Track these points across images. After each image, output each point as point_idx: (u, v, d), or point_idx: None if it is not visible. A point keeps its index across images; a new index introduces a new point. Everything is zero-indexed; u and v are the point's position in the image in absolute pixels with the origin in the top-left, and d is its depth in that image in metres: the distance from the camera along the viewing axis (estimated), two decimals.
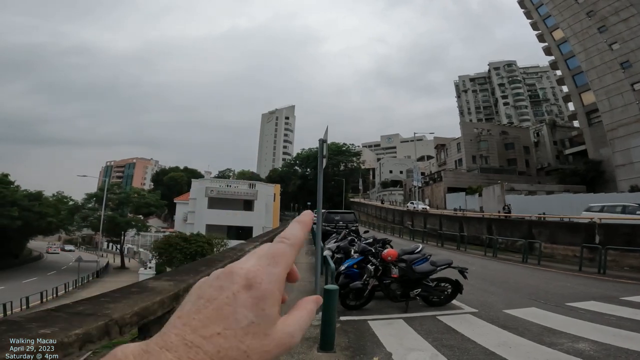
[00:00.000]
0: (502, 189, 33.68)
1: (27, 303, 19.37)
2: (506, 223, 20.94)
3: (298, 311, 0.37)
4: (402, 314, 6.17)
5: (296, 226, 0.39)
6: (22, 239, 43.60)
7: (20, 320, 2.19)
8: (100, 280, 30.32)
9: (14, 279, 29.42)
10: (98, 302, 2.80)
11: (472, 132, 56.04)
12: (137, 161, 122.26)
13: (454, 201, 39.80)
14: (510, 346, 4.76)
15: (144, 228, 45.19)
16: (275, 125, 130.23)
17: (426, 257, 6.60)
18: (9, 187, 37.03)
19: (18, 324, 2.09)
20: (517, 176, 47.35)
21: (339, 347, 4.55)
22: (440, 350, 4.63)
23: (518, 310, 6.41)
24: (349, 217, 20.71)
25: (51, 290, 22.70)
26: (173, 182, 75.07)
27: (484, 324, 5.70)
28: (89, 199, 42.67)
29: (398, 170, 79.77)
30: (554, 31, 43.42)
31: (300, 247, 0.38)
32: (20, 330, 1.99)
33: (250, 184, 42.04)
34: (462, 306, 6.67)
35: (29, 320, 2.20)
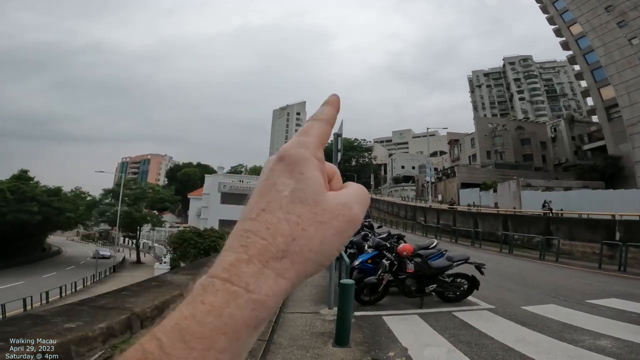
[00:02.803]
0: (518, 184, 33.02)
1: (47, 298, 19.83)
2: (523, 219, 20.54)
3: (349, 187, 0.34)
4: (417, 310, 6.12)
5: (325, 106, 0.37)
6: (41, 234, 44.86)
7: (45, 314, 2.23)
8: (117, 275, 30.96)
9: (34, 274, 30.22)
10: (120, 295, 2.85)
11: (487, 128, 55.07)
12: (152, 157, 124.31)
13: (468, 197, 39.24)
14: (529, 342, 4.67)
15: (158, 223, 45.99)
16: (287, 121, 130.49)
17: (442, 252, 6.51)
18: (28, 183, 38.10)
19: (43, 318, 2.13)
20: (534, 172, 46.38)
21: (354, 342, 4.54)
22: (456, 346, 4.58)
23: (537, 307, 6.28)
24: None
25: (70, 285, 23.24)
26: (186, 178, 76.14)
27: (502, 320, 5.60)
28: (106, 195, 43.61)
29: (410, 166, 79.00)
30: (572, 26, 42.44)
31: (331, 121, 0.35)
32: (45, 325, 2.02)
33: None
34: (479, 302, 6.57)
35: (54, 314, 2.24)
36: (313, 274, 0.29)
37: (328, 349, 4.30)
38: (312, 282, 8.22)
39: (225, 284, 0.26)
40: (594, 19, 38.72)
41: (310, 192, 0.29)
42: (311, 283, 8.16)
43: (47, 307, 14.94)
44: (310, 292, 7.25)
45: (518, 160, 51.03)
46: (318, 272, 0.30)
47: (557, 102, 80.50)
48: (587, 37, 39.92)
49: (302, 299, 6.68)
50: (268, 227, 0.28)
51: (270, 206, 0.29)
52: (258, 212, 0.29)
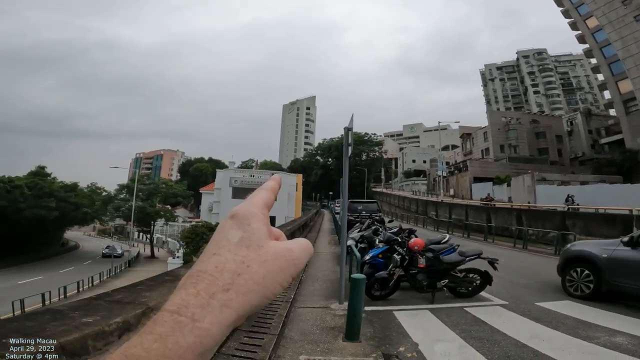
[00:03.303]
0: (533, 178, 32.39)
1: (64, 292, 20.28)
2: (537, 214, 20.18)
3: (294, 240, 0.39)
4: (428, 305, 6.09)
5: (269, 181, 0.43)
6: (59, 230, 46.01)
7: (63, 309, 2.28)
8: (131, 270, 31.51)
9: (52, 268, 31.04)
10: (135, 290, 2.90)
11: (500, 121, 54.29)
12: (164, 153, 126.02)
13: (481, 191, 38.68)
14: (543, 339, 4.61)
15: (171, 218, 46.69)
16: (297, 115, 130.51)
17: (454, 247, 6.46)
18: (46, 179, 39.06)
19: (62, 313, 2.18)
20: (549, 166, 45.55)
21: (364, 336, 4.54)
22: (468, 342, 4.55)
23: (551, 303, 6.20)
24: (372, 206, 20.59)
25: (87, 279, 23.78)
26: (198, 173, 77.04)
27: (515, 317, 5.54)
28: (120, 190, 44.39)
29: (421, 160, 78.28)
30: (588, 19, 41.77)
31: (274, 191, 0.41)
32: (64, 319, 2.06)
33: (273, 174, 42.14)
34: (491, 298, 6.50)
35: (72, 309, 2.29)
36: (259, 305, 0.33)
37: (338, 344, 4.32)
38: (323, 277, 8.25)
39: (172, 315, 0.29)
40: (611, 13, 38.16)
41: (256, 239, 0.34)
42: (321, 278, 8.20)
43: (65, 301, 15.37)
44: (321, 287, 7.28)
45: (533, 154, 50.21)
46: (264, 304, 0.33)
47: (573, 95, 79.41)
48: (604, 31, 39.39)
49: (312, 294, 6.72)
50: (216, 266, 0.32)
51: (220, 251, 0.33)
52: (209, 256, 0.33)
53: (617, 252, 6.25)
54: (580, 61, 75.42)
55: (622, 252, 6.18)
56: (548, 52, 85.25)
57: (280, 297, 5.84)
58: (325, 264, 10.14)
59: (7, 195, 33.11)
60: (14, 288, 21.85)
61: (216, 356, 3.21)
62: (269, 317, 4.72)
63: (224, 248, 0.33)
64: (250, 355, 3.51)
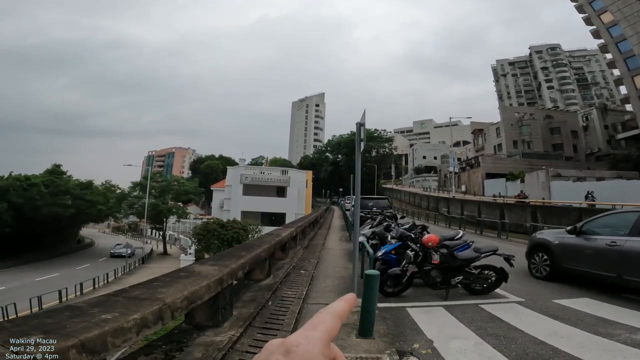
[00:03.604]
0: (547, 174, 31.78)
1: (81, 289, 20.62)
2: (552, 210, 19.79)
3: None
4: (442, 302, 6.01)
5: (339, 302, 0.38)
6: (75, 227, 46.98)
7: (82, 305, 2.30)
8: (145, 267, 31.85)
9: (68, 265, 31.64)
10: (151, 286, 2.92)
11: (513, 117, 53.55)
12: (176, 150, 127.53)
13: (493, 187, 38.17)
14: (562, 336, 4.49)
15: (183, 215, 47.24)
16: (306, 112, 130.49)
17: (468, 243, 6.35)
18: (61, 177, 39.87)
19: (81, 310, 2.20)
20: (564, 162, 44.73)
21: (377, 333, 4.49)
22: (484, 339, 4.46)
23: (569, 300, 6.05)
24: (383, 202, 20.50)
25: (102, 276, 24.16)
26: (209, 170, 77.81)
27: (532, 314, 5.42)
28: (134, 187, 45.01)
29: (432, 156, 77.60)
30: (602, 14, 41.04)
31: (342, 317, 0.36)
32: (83, 316, 2.08)
33: (283, 170, 42.58)
34: (507, 295, 6.38)
35: (91, 305, 2.31)
36: None
37: (352, 340, 4.29)
38: (334, 274, 8.23)
39: None
40: (626, 8, 37.54)
41: None
42: (333, 274, 8.17)
43: (81, 298, 15.66)
44: (333, 284, 7.26)
45: (547, 150, 49.40)
46: None
47: (588, 90, 78.26)
48: (619, 26, 38.78)
49: (324, 290, 6.70)
50: None
51: None
52: None
53: (564, 240, 7.22)
54: (595, 56, 74.29)
55: (568, 239, 7.13)
56: (562, 48, 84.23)
57: (292, 293, 5.84)
58: (337, 261, 10.11)
59: (24, 193, 33.93)
60: (31, 285, 22.34)
61: (230, 353, 3.22)
62: (281, 313, 4.72)
63: None
64: None
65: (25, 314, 14.06)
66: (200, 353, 3.07)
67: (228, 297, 3.97)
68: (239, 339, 3.58)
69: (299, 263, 8.81)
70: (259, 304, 4.75)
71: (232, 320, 3.98)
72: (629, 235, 5.93)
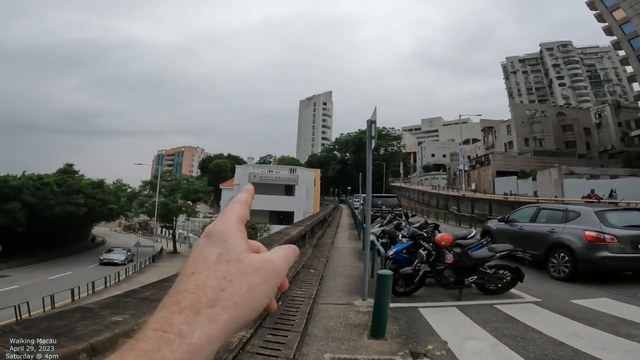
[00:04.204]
0: (560, 172, 31.22)
1: (93, 288, 20.70)
2: None
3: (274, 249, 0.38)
4: (455, 302, 5.88)
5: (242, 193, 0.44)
6: (87, 225, 47.66)
7: (93, 307, 2.25)
8: (155, 265, 32.00)
9: (81, 264, 31.97)
10: (162, 286, 2.87)
11: (524, 114, 52.87)
12: (185, 149, 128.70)
13: (504, 185, 37.65)
14: (582, 337, 4.35)
15: (193, 213, 47.55)
16: (314, 111, 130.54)
17: (482, 242, 6.20)
18: (74, 176, 40.43)
19: (92, 311, 2.15)
20: (577, 159, 44.04)
21: (390, 334, 4.38)
22: (501, 340, 4.33)
23: (587, 300, 5.87)
24: (392, 201, 20.36)
25: (114, 275, 24.36)
26: (218, 169, 78.40)
27: (550, 314, 5.27)
28: (144, 186, 45.46)
29: (441, 154, 76.94)
30: (614, 11, 40.42)
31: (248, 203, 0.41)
32: (94, 318, 2.03)
33: (291, 169, 42.61)
34: (523, 295, 6.21)
35: (102, 307, 2.26)
36: (248, 318, 0.33)
37: (364, 341, 4.19)
38: (344, 273, 8.14)
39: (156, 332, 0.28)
40: (638, 5, 37.08)
41: (235, 254, 0.34)
42: (343, 274, 8.08)
43: (94, 297, 15.81)
44: (343, 283, 7.17)
45: (559, 147, 48.68)
46: (252, 317, 0.33)
47: (601, 87, 77.31)
48: (632, 22, 38.24)
49: (334, 290, 6.61)
50: (197, 284, 0.31)
51: (199, 269, 0.33)
52: (188, 276, 0.32)
53: (499, 226, 9.74)
54: (608, 53, 73.06)
55: (501, 226, 9.64)
56: (573, 45, 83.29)
57: (302, 293, 5.77)
58: (346, 260, 10.02)
59: (37, 192, 34.48)
60: (44, 283, 22.56)
61: (240, 354, 3.15)
62: (292, 313, 4.64)
63: (201, 267, 0.33)
64: (275, 353, 3.43)
65: (38, 313, 14.27)
66: None
67: None
68: (250, 340, 3.51)
69: (309, 262, 8.74)
70: None
71: None
72: (529, 222, 8.64)
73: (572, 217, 7.64)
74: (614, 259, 6.69)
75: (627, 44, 40.32)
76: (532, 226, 8.44)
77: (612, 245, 6.74)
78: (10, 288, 22.00)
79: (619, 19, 40.01)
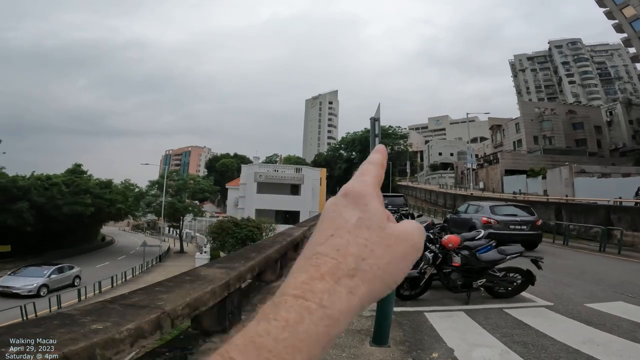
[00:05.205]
0: (571, 171, 30.64)
1: (99, 288, 20.77)
2: (579, 208, 18.95)
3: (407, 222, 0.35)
4: (463, 306, 5.68)
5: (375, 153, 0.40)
6: (95, 225, 48.11)
7: (74, 313, 2.13)
8: (162, 265, 32.22)
9: (89, 264, 32.16)
10: (152, 292, 2.73)
11: (533, 112, 52.30)
12: (192, 149, 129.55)
13: (513, 184, 37.11)
14: (597, 343, 4.14)
15: (199, 213, 47.71)
16: (319, 110, 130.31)
17: (491, 244, 5.99)
18: (82, 176, 40.84)
19: (72, 318, 2.02)
20: (588, 157, 43.38)
21: (393, 340, 4.21)
22: (511, 347, 4.14)
23: (602, 304, 5.63)
24: (399, 200, 20.11)
25: (120, 274, 24.45)
26: (224, 168, 78.64)
27: (563, 319, 5.05)
28: (151, 186, 45.71)
29: (448, 153, 76.25)
30: (624, 8, 39.68)
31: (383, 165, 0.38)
32: (72, 326, 1.90)
33: (297, 168, 42.48)
34: (534, 299, 5.98)
35: (84, 313, 2.14)
36: (381, 294, 0.30)
37: (365, 349, 4.02)
38: None
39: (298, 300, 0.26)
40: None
41: (376, 220, 0.31)
42: None
43: (100, 297, 15.83)
44: None
45: (570, 146, 48.03)
46: (385, 293, 0.31)
47: (611, 85, 76.29)
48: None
49: None
50: (338, 249, 0.29)
51: (339, 232, 0.30)
52: (326, 238, 0.30)
53: (452, 216, 14.56)
54: (618, 50, 72.70)
55: (453, 216, 14.49)
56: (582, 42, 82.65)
57: None
58: None
59: (45, 192, 34.84)
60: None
61: None
62: None
63: (342, 229, 0.30)
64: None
65: (45, 313, 14.35)
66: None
67: (236, 301, 3.77)
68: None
69: None
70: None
71: (240, 325, 3.77)
72: (464, 212, 13.45)
73: (480, 210, 12.51)
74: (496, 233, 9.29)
75: (637, 42, 39.84)
76: (464, 215, 13.16)
77: (495, 225, 11.04)
78: None
79: (629, 16, 39.45)
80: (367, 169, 0.36)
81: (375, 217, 0.31)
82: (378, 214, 0.32)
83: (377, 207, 0.32)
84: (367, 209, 0.31)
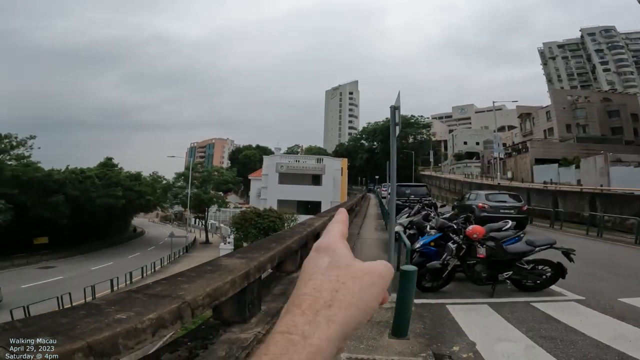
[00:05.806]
0: (606, 160, 29.04)
1: (130, 278, 21.67)
2: (614, 198, 17.96)
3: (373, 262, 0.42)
4: (487, 299, 5.51)
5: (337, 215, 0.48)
6: (126, 217, 50.04)
7: (100, 303, 2.21)
8: (189, 255, 33.16)
9: (121, 255, 33.77)
10: (175, 281, 2.80)
11: (565, 100, 50.23)
12: (216, 141, 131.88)
13: (543, 174, 35.58)
14: (630, 340, 3.94)
15: (223, 204, 48.75)
16: (340, 101, 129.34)
17: (519, 235, 5.75)
18: (113, 169, 42.54)
19: (98, 308, 2.10)
20: (624, 146, 40.97)
21: (413, 333, 4.13)
22: (537, 342, 3.99)
23: (637, 299, 5.33)
24: (421, 190, 19.74)
25: (150, 265, 25.44)
26: (247, 160, 79.71)
27: (594, 314, 4.82)
28: (178, 178, 47.06)
29: (474, 142, 73.95)
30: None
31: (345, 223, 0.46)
32: (98, 315, 1.97)
33: (318, 158, 42.44)
34: (564, 292, 5.73)
35: (109, 303, 2.21)
36: (358, 319, 0.36)
37: (384, 340, 3.97)
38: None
39: (284, 335, 0.32)
40: None
41: (344, 260, 0.39)
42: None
43: (131, 287, 16.44)
44: None
45: (605, 134, 45.60)
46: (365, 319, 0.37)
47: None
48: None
49: None
50: (314, 287, 0.36)
51: (314, 275, 0.37)
52: (305, 282, 0.37)
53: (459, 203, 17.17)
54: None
55: (459, 202, 17.24)
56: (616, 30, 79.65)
57: None
58: (372, 251, 9.79)
59: (79, 185, 36.53)
60: (87, 274, 23.88)
61: (254, 351, 3.06)
62: None
63: (316, 273, 0.37)
64: None
65: (79, 303, 15.05)
66: (224, 351, 2.94)
67: (256, 291, 3.82)
68: (265, 336, 3.42)
69: None
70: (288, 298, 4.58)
71: (260, 316, 3.83)
72: (468, 199, 15.79)
73: (478, 197, 14.92)
74: (487, 215, 12.29)
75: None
76: (467, 201, 15.42)
77: (487, 209, 13.42)
78: (57, 279, 23.62)
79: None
80: (332, 227, 0.44)
81: (343, 258, 0.39)
82: (345, 256, 0.39)
83: (343, 252, 0.40)
84: (336, 254, 0.39)
